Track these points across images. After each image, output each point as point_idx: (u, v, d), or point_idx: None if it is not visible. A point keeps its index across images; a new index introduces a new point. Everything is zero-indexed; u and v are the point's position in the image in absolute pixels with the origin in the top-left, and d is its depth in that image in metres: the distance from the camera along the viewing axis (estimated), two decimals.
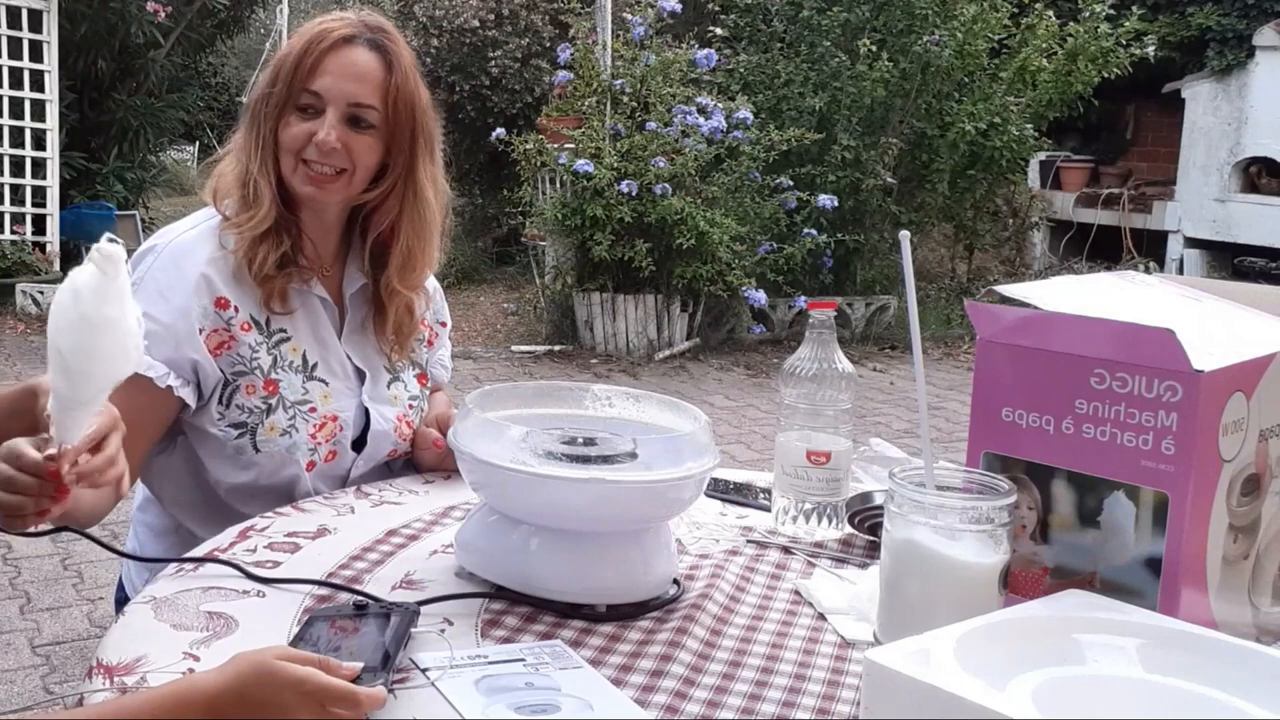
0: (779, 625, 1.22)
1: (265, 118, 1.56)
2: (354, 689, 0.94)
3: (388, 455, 1.68)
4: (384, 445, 1.66)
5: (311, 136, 1.53)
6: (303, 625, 1.11)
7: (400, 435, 1.67)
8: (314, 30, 1.57)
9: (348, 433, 1.63)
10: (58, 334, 1.15)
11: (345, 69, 1.55)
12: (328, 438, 1.61)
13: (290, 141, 1.55)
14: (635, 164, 6.20)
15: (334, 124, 1.53)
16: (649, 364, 6.41)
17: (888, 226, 7.30)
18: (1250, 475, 1.01)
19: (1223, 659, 0.84)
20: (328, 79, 1.54)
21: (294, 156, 1.55)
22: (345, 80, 1.55)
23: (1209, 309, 1.11)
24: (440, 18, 8.48)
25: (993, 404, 1.05)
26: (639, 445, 1.22)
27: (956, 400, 5.70)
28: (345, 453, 1.63)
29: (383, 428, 1.65)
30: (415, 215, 1.62)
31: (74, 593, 3.28)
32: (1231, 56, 8.27)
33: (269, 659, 0.94)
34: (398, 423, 1.67)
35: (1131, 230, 8.85)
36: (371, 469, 1.68)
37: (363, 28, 1.58)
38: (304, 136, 1.54)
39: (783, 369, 1.46)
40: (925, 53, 7.13)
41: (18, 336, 6.56)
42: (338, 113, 1.54)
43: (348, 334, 1.66)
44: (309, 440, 1.59)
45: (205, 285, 1.53)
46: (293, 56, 1.56)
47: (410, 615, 1.12)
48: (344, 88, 1.54)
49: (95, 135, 8.28)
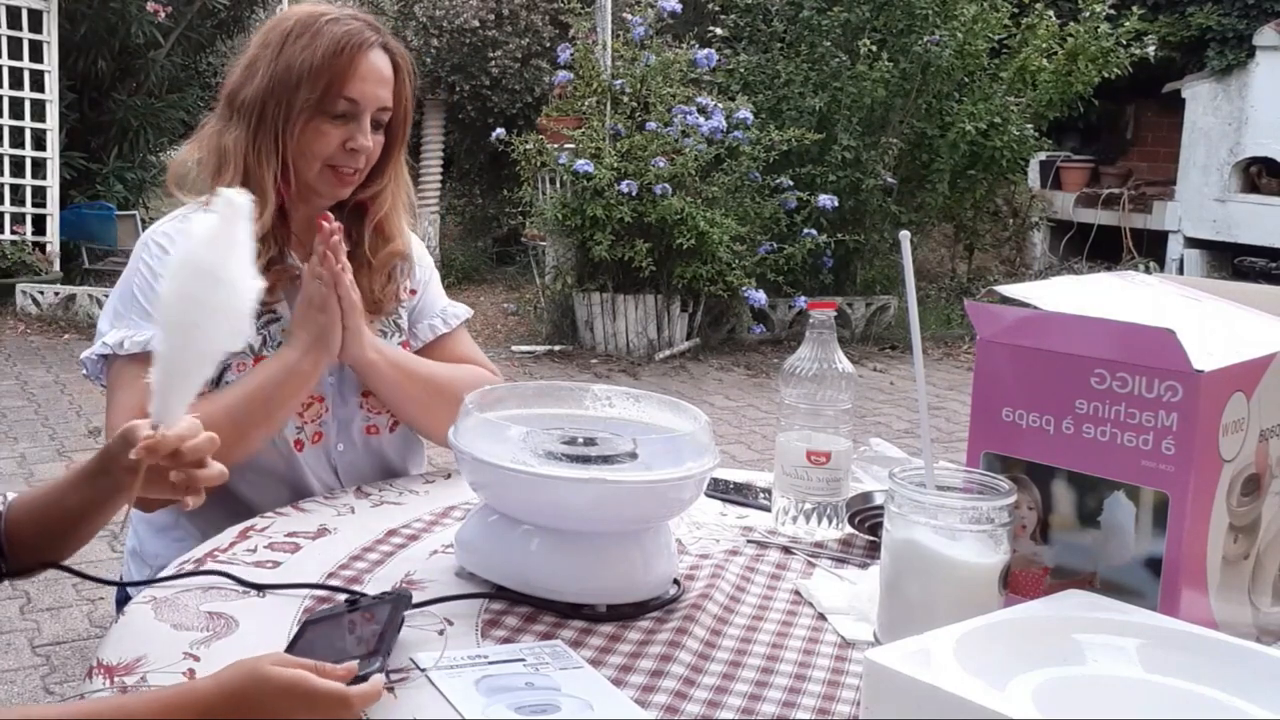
0: (779, 625, 1.22)
1: (286, 120, 1.54)
2: (345, 690, 0.94)
3: (366, 432, 1.66)
4: (353, 424, 1.65)
5: (344, 143, 1.55)
6: (297, 632, 1.10)
7: (370, 408, 1.65)
8: (337, 33, 1.55)
9: (331, 413, 1.63)
10: (171, 279, 1.09)
11: (374, 74, 1.57)
12: (314, 417, 1.61)
13: (324, 148, 1.55)
14: (635, 164, 6.20)
15: (369, 130, 1.56)
16: (649, 364, 6.41)
17: (888, 226, 7.30)
18: (1250, 475, 1.01)
19: (1223, 659, 0.84)
20: (363, 84, 1.55)
21: (321, 160, 1.56)
22: (376, 86, 1.57)
23: (1209, 309, 1.11)
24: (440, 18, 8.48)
25: (993, 404, 1.05)
26: (639, 445, 1.22)
27: (956, 400, 5.70)
28: (330, 434, 1.64)
29: (342, 406, 1.64)
30: (401, 196, 1.68)
31: (74, 593, 3.28)
32: (1231, 56, 8.26)
33: (262, 665, 0.95)
34: (363, 398, 1.65)
35: (1131, 230, 8.85)
36: (366, 452, 1.67)
37: (373, 30, 1.59)
38: (338, 143, 1.55)
39: (783, 369, 1.46)
40: (925, 53, 7.13)
41: (18, 336, 6.56)
42: (370, 118, 1.57)
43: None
44: (296, 419, 1.59)
45: None
46: (319, 61, 1.53)
47: (402, 600, 1.11)
48: (376, 93, 1.57)
49: (95, 135, 8.28)
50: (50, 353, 6.22)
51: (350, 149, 1.55)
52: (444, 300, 1.79)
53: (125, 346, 1.50)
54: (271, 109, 1.54)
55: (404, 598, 1.12)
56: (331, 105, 1.54)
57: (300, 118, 1.54)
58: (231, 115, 1.58)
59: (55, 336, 6.59)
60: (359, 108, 1.56)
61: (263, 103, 1.55)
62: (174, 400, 1.10)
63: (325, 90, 1.53)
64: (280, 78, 1.54)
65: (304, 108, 1.54)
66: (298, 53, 1.54)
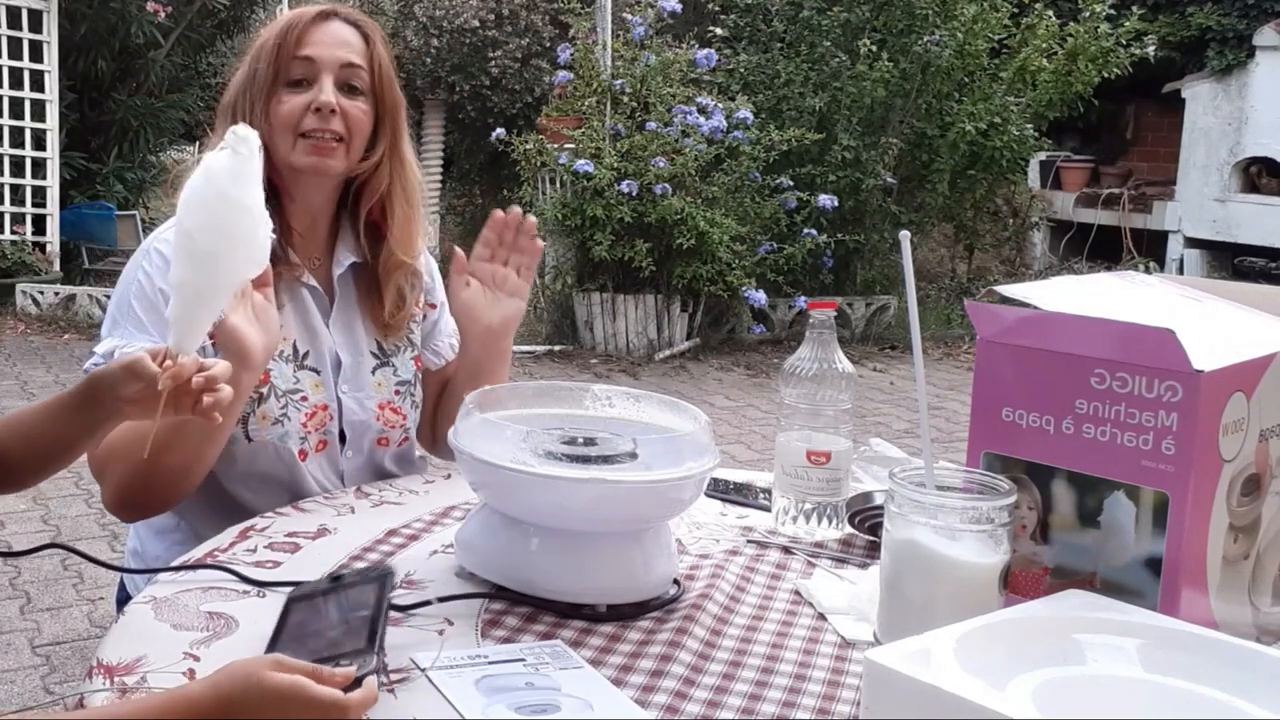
0: (779, 625, 1.22)
1: (253, 102, 1.56)
2: (343, 699, 0.93)
3: (377, 443, 1.67)
4: (366, 434, 1.66)
5: (308, 106, 1.55)
6: (282, 612, 1.10)
7: (385, 422, 1.66)
8: (289, 15, 1.60)
9: (336, 422, 1.63)
10: (188, 213, 1.15)
11: (331, 36, 1.59)
12: (318, 426, 1.61)
13: (287, 116, 1.55)
14: (635, 164, 6.20)
15: (330, 88, 1.56)
16: (649, 364, 6.41)
17: (888, 226, 7.30)
18: (1250, 475, 1.01)
19: (1223, 659, 0.84)
20: (316, 46, 1.57)
21: (292, 133, 1.56)
22: (333, 46, 1.58)
23: (1209, 309, 1.11)
24: (440, 18, 8.48)
25: (993, 404, 1.05)
26: (639, 445, 1.22)
27: (956, 400, 5.70)
28: (334, 442, 1.64)
29: (360, 416, 1.64)
30: (405, 184, 1.65)
31: (74, 593, 3.28)
32: (1231, 56, 8.27)
33: (259, 669, 0.94)
34: (379, 410, 1.65)
35: (1131, 230, 8.85)
36: (368, 461, 1.68)
37: (335, 9, 1.62)
38: (301, 108, 1.55)
39: (783, 369, 1.46)
40: (925, 53, 7.13)
41: (18, 336, 6.56)
42: (332, 77, 1.56)
43: (335, 316, 1.65)
44: (300, 429, 1.59)
45: None
46: (273, 37, 1.57)
47: (385, 579, 1.10)
48: (334, 52, 1.57)
49: (95, 135, 8.28)
50: (50, 353, 6.23)
51: (315, 109, 1.55)
52: (454, 323, 1.79)
53: (116, 357, 1.50)
54: (243, 102, 1.57)
55: (388, 575, 1.11)
56: (287, 71, 1.56)
57: (263, 96, 1.56)
58: (220, 122, 1.60)
59: (55, 337, 6.59)
60: (315, 67, 1.56)
61: (236, 101, 1.58)
62: (193, 330, 1.17)
63: (278, 61, 1.56)
64: (247, 70, 1.59)
65: (264, 84, 1.56)
66: (259, 42, 1.60)
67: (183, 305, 1.15)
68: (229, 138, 1.17)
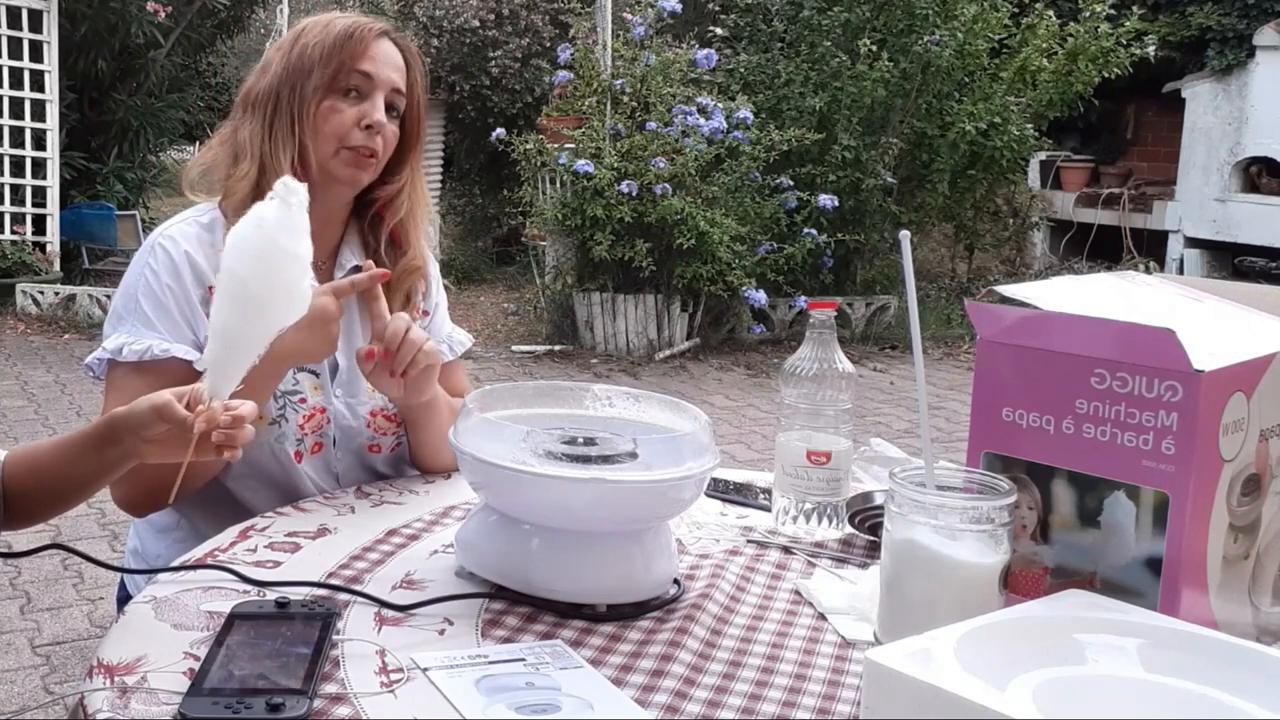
0: (779, 625, 1.22)
1: (304, 99, 1.55)
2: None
3: (368, 450, 1.66)
4: (356, 439, 1.65)
5: (359, 121, 1.55)
6: (224, 625, 1.10)
7: (376, 429, 1.65)
8: (347, 22, 1.59)
9: (333, 425, 1.63)
10: (240, 261, 1.16)
11: (385, 57, 1.59)
12: (315, 429, 1.61)
13: (338, 126, 1.55)
14: (635, 164, 6.20)
15: (381, 106, 1.58)
16: (649, 364, 6.41)
17: (888, 226, 7.31)
18: (1250, 475, 1.01)
19: (1223, 659, 0.84)
20: (375, 63, 1.57)
21: (338, 142, 1.56)
22: (388, 68, 1.59)
23: (1209, 309, 1.11)
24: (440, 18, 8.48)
25: (993, 404, 1.05)
26: (639, 445, 1.22)
27: (956, 400, 5.70)
28: (330, 445, 1.64)
29: (350, 422, 1.64)
30: (420, 204, 1.69)
31: (74, 593, 3.28)
32: (1231, 56, 8.27)
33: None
34: (370, 417, 1.65)
35: (1131, 230, 8.86)
36: (360, 464, 1.67)
37: (388, 29, 1.63)
38: (352, 121, 1.56)
39: (783, 369, 1.46)
40: (925, 53, 7.13)
41: (18, 336, 6.56)
42: (383, 96, 1.58)
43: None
44: (297, 430, 1.59)
45: (199, 276, 1.54)
46: (331, 43, 1.56)
47: (327, 620, 1.10)
48: (389, 73, 1.59)
49: (95, 135, 8.29)
50: (50, 353, 6.23)
51: (365, 126, 1.56)
52: (449, 325, 1.79)
53: (124, 354, 1.50)
54: (286, 96, 1.56)
55: (332, 616, 1.11)
56: (345, 80, 1.56)
57: (314, 98, 1.55)
58: (246, 111, 1.60)
59: (55, 336, 6.59)
60: (372, 84, 1.57)
61: (277, 92, 1.57)
62: (230, 374, 1.18)
63: (338, 69, 1.55)
64: (294, 65, 1.57)
65: (318, 88, 1.55)
66: (311, 41, 1.58)
67: (223, 349, 1.17)
68: (279, 188, 1.18)
